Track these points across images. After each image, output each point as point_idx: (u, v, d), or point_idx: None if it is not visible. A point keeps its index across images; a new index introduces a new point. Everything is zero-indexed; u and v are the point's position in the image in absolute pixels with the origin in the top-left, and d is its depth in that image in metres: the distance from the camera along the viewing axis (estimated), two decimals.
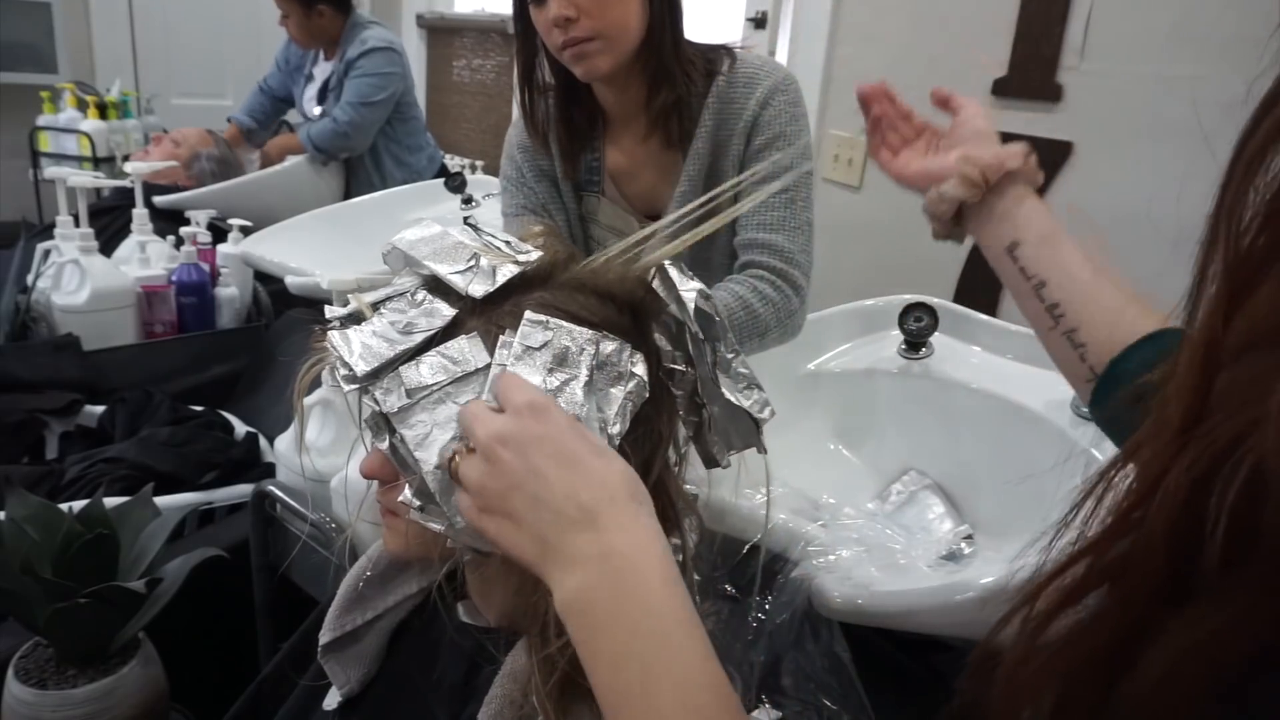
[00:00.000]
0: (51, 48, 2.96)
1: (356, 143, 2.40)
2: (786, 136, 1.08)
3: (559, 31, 1.02)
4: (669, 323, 0.58)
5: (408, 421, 0.51)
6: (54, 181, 1.74)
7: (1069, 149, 1.48)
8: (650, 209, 1.19)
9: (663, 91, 1.08)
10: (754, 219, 1.07)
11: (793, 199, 1.08)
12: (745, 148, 1.09)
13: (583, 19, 1.00)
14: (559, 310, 0.54)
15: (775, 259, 1.06)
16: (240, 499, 1.27)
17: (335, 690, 0.68)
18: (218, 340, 1.77)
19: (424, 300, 0.55)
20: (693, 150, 1.10)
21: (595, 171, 1.19)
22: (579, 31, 1.01)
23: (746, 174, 1.06)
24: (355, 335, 0.53)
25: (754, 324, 1.04)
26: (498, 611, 0.61)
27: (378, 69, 2.36)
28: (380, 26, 2.49)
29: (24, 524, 0.88)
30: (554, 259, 0.58)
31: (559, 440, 0.47)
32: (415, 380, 0.51)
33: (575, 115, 1.16)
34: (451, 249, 0.56)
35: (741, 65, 1.10)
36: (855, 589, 0.80)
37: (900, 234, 1.77)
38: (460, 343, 0.53)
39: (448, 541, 0.54)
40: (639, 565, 0.44)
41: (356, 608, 0.68)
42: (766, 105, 1.08)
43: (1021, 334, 1.17)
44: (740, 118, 1.08)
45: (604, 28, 1.01)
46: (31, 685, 0.85)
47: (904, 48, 1.73)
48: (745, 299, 1.04)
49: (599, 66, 1.04)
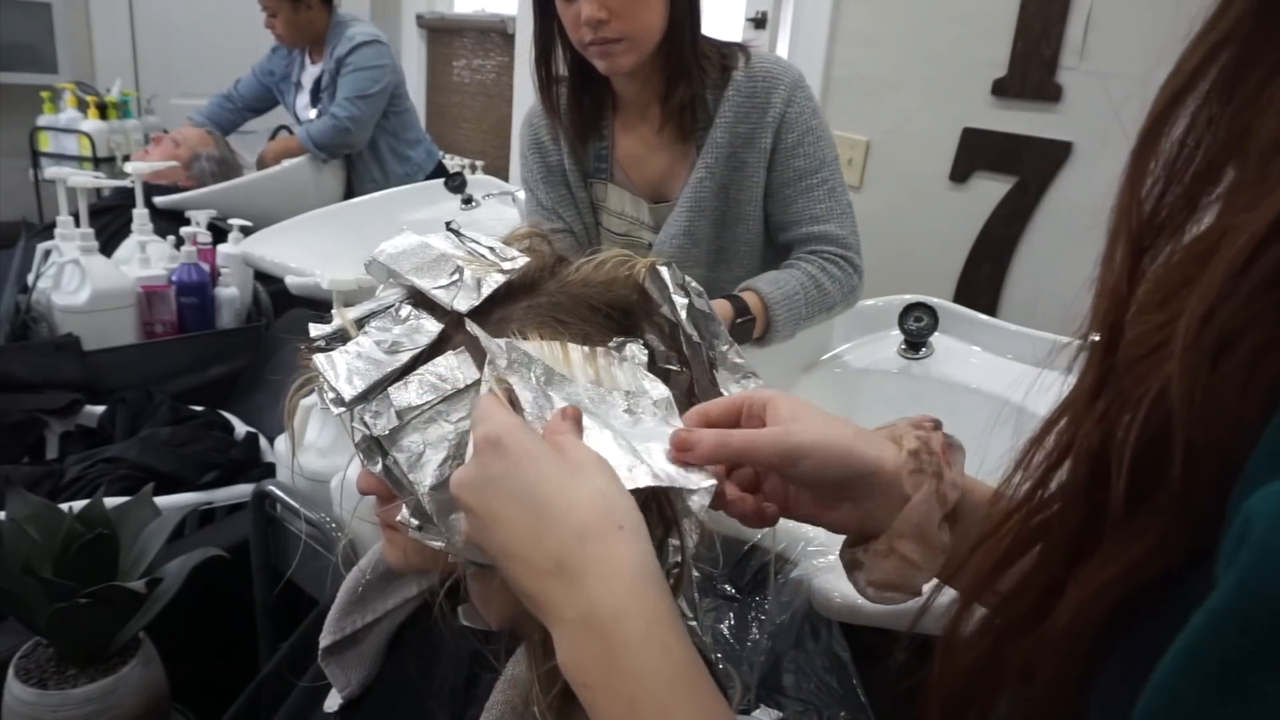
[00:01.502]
0: (51, 48, 2.96)
1: (357, 137, 2.40)
2: (813, 131, 1.15)
3: (588, 30, 1.05)
4: (662, 323, 0.58)
5: (399, 444, 0.50)
6: (54, 181, 1.74)
7: (1069, 149, 1.48)
8: (658, 194, 1.22)
9: (680, 87, 1.12)
10: (805, 213, 1.15)
11: (832, 188, 1.16)
12: (775, 144, 1.14)
13: (613, 21, 1.04)
14: (547, 318, 0.53)
15: (834, 246, 1.15)
16: (240, 499, 1.27)
17: (335, 692, 0.68)
18: (218, 340, 1.77)
19: (409, 316, 0.54)
20: (710, 140, 1.14)
21: (603, 159, 1.23)
22: (609, 33, 1.05)
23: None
24: (341, 358, 0.52)
25: (824, 299, 1.13)
26: (498, 616, 0.60)
27: (370, 62, 2.37)
28: (363, 22, 2.50)
29: (24, 524, 0.88)
30: (541, 264, 0.57)
31: (517, 477, 0.43)
32: (404, 401, 0.50)
33: (586, 102, 1.20)
34: (434, 262, 0.55)
35: (757, 61, 1.15)
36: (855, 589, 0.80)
37: (900, 234, 1.77)
38: (448, 359, 0.52)
39: (448, 556, 0.53)
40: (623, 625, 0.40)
41: (356, 610, 0.68)
42: (791, 103, 1.13)
43: (1022, 334, 1.17)
44: (766, 113, 1.13)
45: (633, 30, 1.06)
46: (32, 685, 0.85)
47: (904, 48, 1.73)
48: (816, 277, 1.12)
49: (623, 65, 1.09)
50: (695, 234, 1.17)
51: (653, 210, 1.22)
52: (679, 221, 1.17)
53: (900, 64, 1.75)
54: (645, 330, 0.58)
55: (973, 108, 1.62)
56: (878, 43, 1.79)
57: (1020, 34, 1.54)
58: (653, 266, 0.57)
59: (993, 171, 1.61)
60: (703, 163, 1.15)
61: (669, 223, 1.18)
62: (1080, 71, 1.46)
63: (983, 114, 1.61)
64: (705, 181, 1.15)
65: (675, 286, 0.56)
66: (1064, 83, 1.48)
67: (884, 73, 1.78)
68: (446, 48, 3.46)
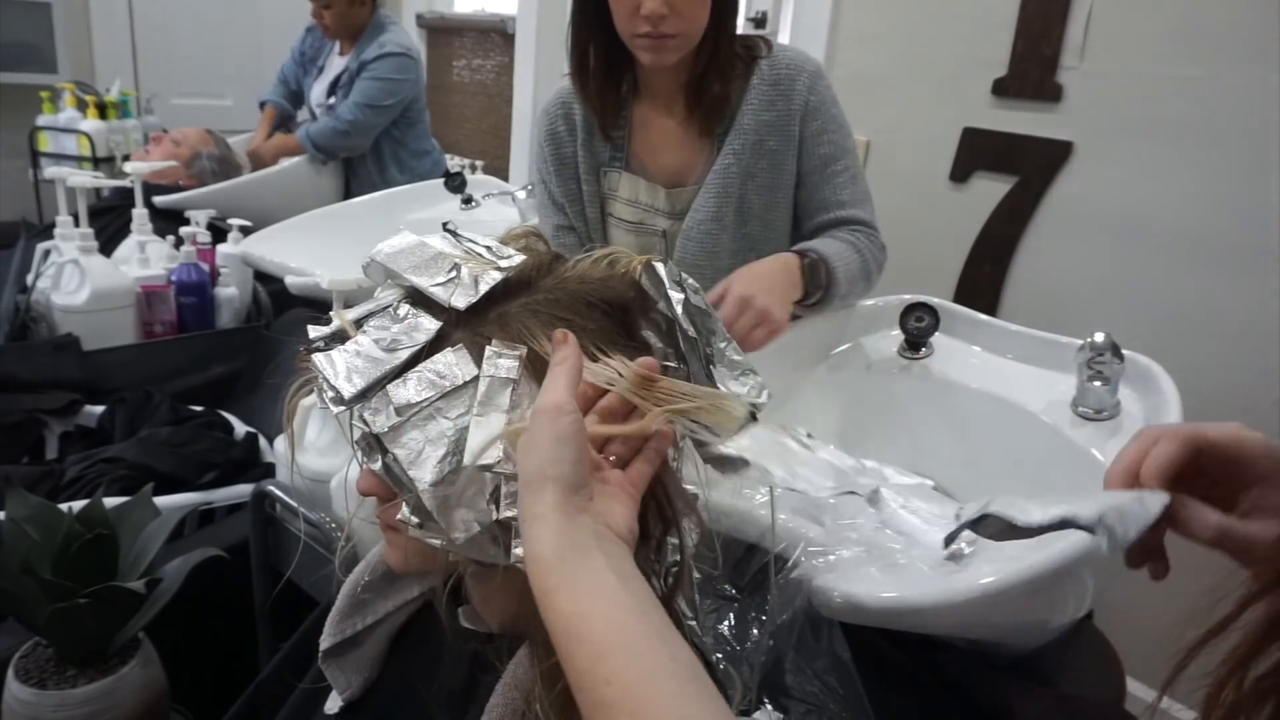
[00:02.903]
0: (51, 48, 2.96)
1: (356, 142, 2.40)
2: (836, 119, 1.18)
3: (645, 23, 1.06)
4: (658, 320, 0.58)
5: (399, 441, 0.50)
6: (54, 181, 1.74)
7: (1069, 149, 1.48)
8: (675, 180, 1.23)
9: (715, 83, 1.14)
10: (832, 199, 1.19)
11: (855, 175, 1.20)
12: (801, 131, 1.17)
13: (672, 17, 1.05)
14: (545, 315, 0.53)
15: (863, 226, 1.19)
16: (240, 499, 1.27)
17: (335, 695, 0.68)
18: (218, 340, 1.77)
19: (407, 314, 0.54)
20: (737, 127, 1.16)
21: (620, 147, 1.24)
22: (667, 28, 1.06)
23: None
24: (339, 356, 0.53)
25: (864, 266, 1.16)
26: (499, 617, 0.60)
27: (390, 74, 2.35)
28: (399, 28, 2.47)
29: (24, 524, 0.88)
30: (538, 262, 0.57)
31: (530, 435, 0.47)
32: (403, 398, 0.50)
33: (611, 89, 1.21)
34: (431, 260, 0.55)
35: (779, 51, 1.17)
36: (855, 589, 0.80)
37: (900, 234, 1.77)
38: (446, 356, 0.52)
39: (449, 555, 0.53)
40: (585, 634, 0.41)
41: (357, 613, 0.67)
42: (814, 90, 1.16)
43: (1021, 334, 1.17)
44: (792, 101, 1.16)
45: (688, 28, 1.08)
46: (31, 685, 0.85)
47: (904, 48, 1.73)
48: (856, 244, 1.16)
49: (669, 59, 1.11)
50: (723, 219, 1.18)
51: (669, 195, 1.22)
52: (706, 207, 1.18)
53: (900, 64, 1.74)
54: (642, 326, 0.58)
55: (973, 108, 1.62)
56: (878, 42, 1.79)
57: (1020, 34, 1.54)
58: (648, 263, 0.57)
59: (993, 171, 1.61)
60: (729, 149, 1.17)
61: (695, 208, 1.19)
62: (1080, 71, 1.46)
63: (983, 114, 1.61)
64: (732, 168, 1.16)
65: (671, 282, 0.56)
66: (1064, 82, 1.48)
67: (884, 73, 1.78)
68: (446, 48, 3.46)
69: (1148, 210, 1.38)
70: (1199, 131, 1.32)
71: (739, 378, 0.57)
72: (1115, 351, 0.97)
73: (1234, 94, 1.29)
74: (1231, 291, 1.29)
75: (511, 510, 0.49)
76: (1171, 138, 1.34)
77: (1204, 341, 1.32)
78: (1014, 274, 1.60)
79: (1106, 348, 0.97)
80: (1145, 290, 1.39)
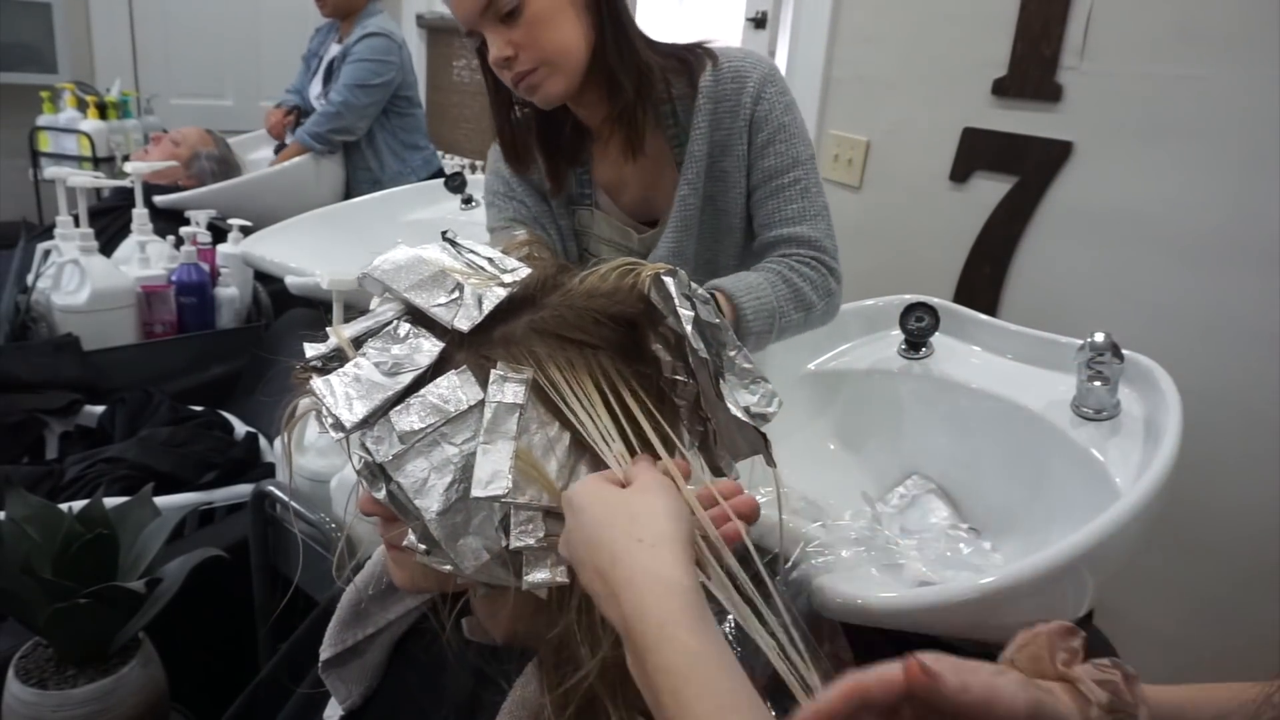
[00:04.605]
0: (51, 48, 2.95)
1: (349, 123, 2.37)
2: (785, 128, 1.07)
3: (506, 71, 1.02)
4: (667, 335, 0.56)
5: (403, 469, 0.49)
6: (54, 181, 1.74)
7: (1069, 149, 1.48)
8: (646, 216, 1.17)
9: (619, 100, 1.06)
10: (775, 216, 1.08)
11: (806, 188, 1.08)
12: (749, 146, 1.08)
13: (520, 54, 1.00)
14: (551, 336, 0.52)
15: (804, 249, 1.07)
16: (240, 499, 1.27)
17: (335, 703, 0.67)
18: (218, 340, 1.77)
19: (407, 335, 0.52)
20: (689, 153, 1.08)
21: (586, 185, 1.18)
22: (521, 66, 1.00)
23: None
24: (339, 382, 0.51)
25: (798, 297, 1.04)
26: (505, 632, 0.59)
27: (371, 54, 2.35)
28: (384, 16, 2.48)
29: (24, 524, 0.88)
30: (542, 275, 0.56)
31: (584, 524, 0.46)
32: (406, 425, 0.49)
33: (554, 136, 1.14)
34: (432, 279, 0.53)
35: (725, 61, 1.08)
36: (855, 589, 0.80)
37: (900, 234, 1.77)
38: (450, 380, 0.50)
39: (456, 578, 0.52)
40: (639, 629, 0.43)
41: (357, 623, 0.67)
42: (760, 100, 1.06)
43: (1021, 334, 1.17)
44: (737, 116, 1.07)
45: (544, 56, 1.00)
46: (31, 685, 0.85)
47: (904, 48, 1.73)
48: (785, 275, 1.05)
49: (552, 92, 1.03)
50: (684, 253, 1.12)
51: (641, 240, 1.17)
52: (666, 244, 1.11)
53: (900, 64, 1.74)
54: (651, 341, 0.57)
55: (973, 108, 1.62)
56: (878, 43, 1.79)
57: (1020, 34, 1.53)
58: (657, 276, 0.55)
59: (993, 171, 1.61)
60: (684, 179, 1.09)
61: (660, 244, 1.12)
62: (1080, 71, 1.46)
63: (983, 114, 1.61)
64: (689, 199, 1.09)
65: (680, 297, 0.54)
66: (1064, 82, 1.48)
67: (884, 73, 1.78)
68: (446, 48, 3.46)
69: (1148, 210, 1.38)
70: (1199, 131, 1.32)
71: (749, 386, 0.55)
72: (1115, 351, 0.97)
73: (1234, 94, 1.28)
74: (1232, 291, 1.29)
75: (522, 539, 0.48)
76: (1172, 138, 1.34)
77: (1204, 341, 1.31)
78: (1014, 274, 1.60)
79: (1106, 348, 0.97)
80: (1145, 290, 1.39)
